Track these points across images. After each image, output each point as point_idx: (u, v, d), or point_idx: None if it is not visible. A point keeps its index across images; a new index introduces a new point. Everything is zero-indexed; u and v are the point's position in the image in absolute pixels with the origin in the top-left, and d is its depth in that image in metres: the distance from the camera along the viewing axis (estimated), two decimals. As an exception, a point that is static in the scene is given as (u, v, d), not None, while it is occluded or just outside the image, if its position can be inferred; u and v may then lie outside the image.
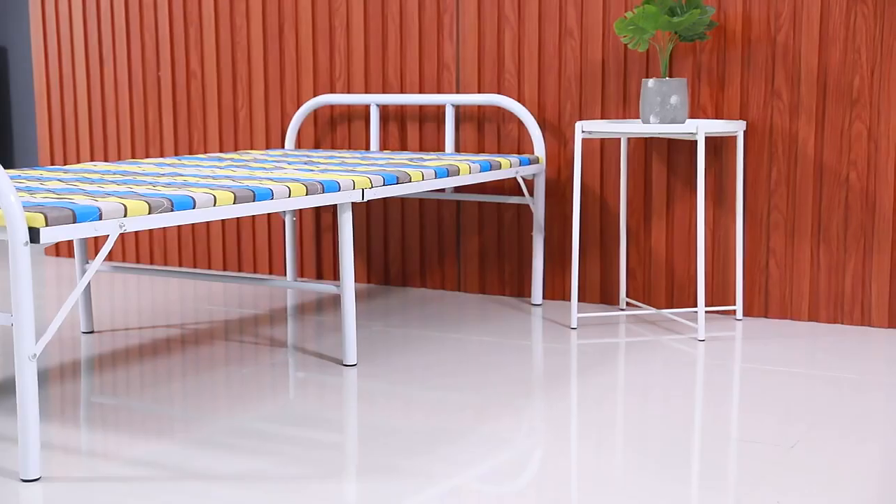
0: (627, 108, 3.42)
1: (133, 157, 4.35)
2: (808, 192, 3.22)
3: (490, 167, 3.22)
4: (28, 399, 1.93)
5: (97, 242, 4.52)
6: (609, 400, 2.48)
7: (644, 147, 3.42)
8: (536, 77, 3.54)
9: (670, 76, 3.33)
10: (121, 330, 3.22)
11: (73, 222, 1.99)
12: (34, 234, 1.91)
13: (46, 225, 1.93)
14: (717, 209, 3.34)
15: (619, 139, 3.44)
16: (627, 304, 3.52)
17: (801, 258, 3.25)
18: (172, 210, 2.20)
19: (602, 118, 3.46)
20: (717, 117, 3.31)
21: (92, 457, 2.10)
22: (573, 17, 3.45)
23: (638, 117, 3.41)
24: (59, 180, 2.60)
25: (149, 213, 2.15)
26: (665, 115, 3.08)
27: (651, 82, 3.08)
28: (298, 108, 3.96)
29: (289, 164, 3.11)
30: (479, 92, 3.63)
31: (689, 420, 2.33)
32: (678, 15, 3.07)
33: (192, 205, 2.25)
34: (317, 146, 3.97)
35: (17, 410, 1.97)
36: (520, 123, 3.60)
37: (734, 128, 3.12)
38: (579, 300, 3.58)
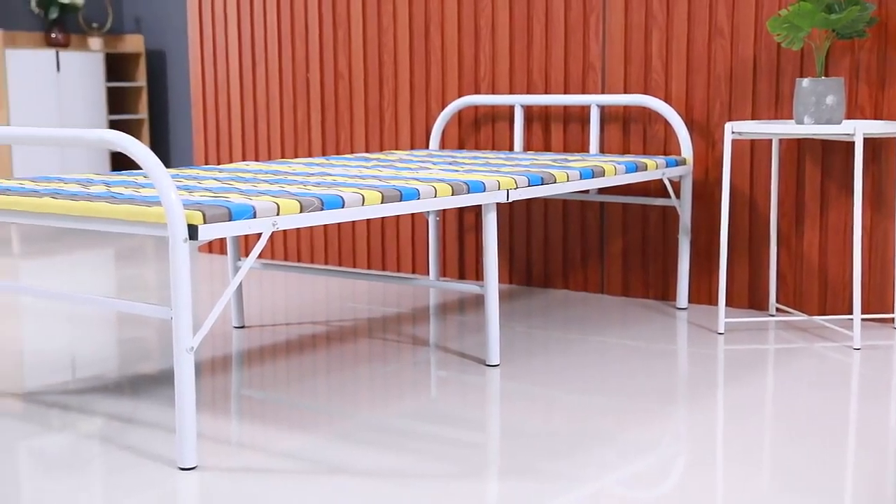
0: (779, 108, 3.31)
1: (282, 156, 4.47)
2: (974, 196, 3.06)
3: (636, 168, 3.18)
4: (185, 390, 2.00)
5: (247, 240, 4.66)
6: (757, 409, 2.41)
7: (797, 148, 3.31)
8: (684, 77, 3.47)
9: (826, 75, 3.22)
10: (269, 326, 3.31)
11: (229, 220, 2.05)
12: (193, 231, 1.98)
13: (204, 222, 2.00)
14: (875, 213, 3.20)
15: (771, 140, 3.34)
16: (777, 309, 3.41)
17: (965, 265, 3.09)
18: (322, 209, 2.25)
19: (752, 118, 3.37)
20: (875, 118, 3.17)
21: (242, 448, 2.17)
22: (724, 15, 3.37)
23: (790, 118, 3.31)
24: (215, 179, 2.69)
25: (300, 212, 2.20)
26: (820, 115, 2.97)
27: (806, 82, 2.98)
28: (443, 108, 4.00)
29: (434, 164, 3.14)
30: (624, 92, 3.59)
31: (842, 433, 2.24)
32: (836, 12, 2.96)
33: (342, 204, 2.29)
34: (461, 147, 4.00)
35: (175, 401, 2.05)
36: (666, 124, 3.54)
37: (895, 129, 2.99)
38: (727, 305, 3.49)
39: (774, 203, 3.32)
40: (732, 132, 3.05)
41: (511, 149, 3.87)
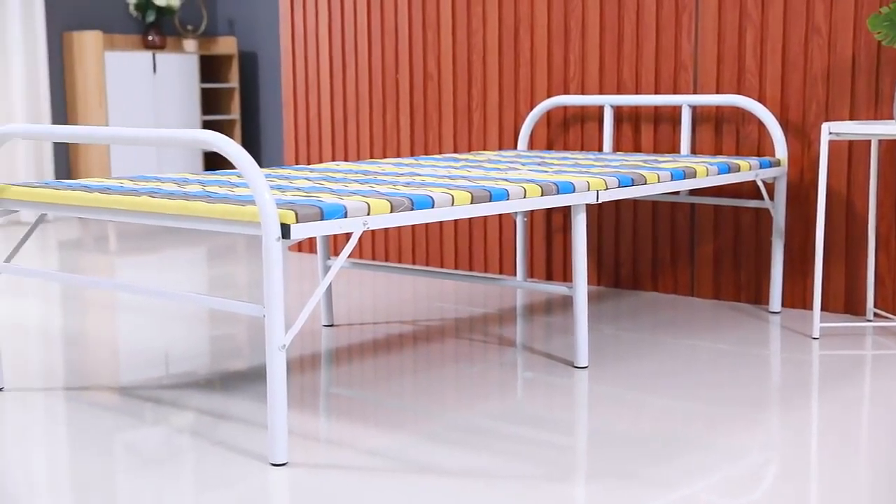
0: (879, 108, 3.22)
1: (371, 157, 4.50)
2: None
3: (728, 169, 3.12)
4: (277, 387, 2.03)
5: (336, 239, 4.71)
6: (853, 416, 2.35)
7: (897, 149, 3.22)
8: (779, 76, 3.40)
9: (929, 74, 3.12)
10: (357, 324, 3.34)
11: (321, 219, 2.08)
12: (285, 230, 2.01)
13: (297, 222, 2.03)
14: (980, 217, 3.09)
15: (869, 141, 3.25)
16: (875, 314, 3.32)
17: None
18: (412, 209, 2.26)
19: (850, 119, 3.28)
20: (981, 118, 3.07)
21: (330, 445, 2.19)
22: (821, 13, 3.29)
23: (890, 118, 3.22)
24: (306, 179, 2.72)
25: (390, 212, 2.22)
26: (922, 115, 2.88)
27: (907, 80, 2.89)
28: (532, 109, 3.98)
29: (522, 164, 3.13)
30: (717, 92, 3.53)
31: (944, 443, 2.17)
32: (940, 8, 2.87)
33: (431, 204, 2.30)
34: (549, 147, 3.98)
35: (267, 398, 2.08)
36: (760, 124, 3.47)
37: None
38: (822, 309, 3.41)
39: (873, 205, 3.23)
40: (830, 133, 2.98)
41: (600, 149, 3.84)
